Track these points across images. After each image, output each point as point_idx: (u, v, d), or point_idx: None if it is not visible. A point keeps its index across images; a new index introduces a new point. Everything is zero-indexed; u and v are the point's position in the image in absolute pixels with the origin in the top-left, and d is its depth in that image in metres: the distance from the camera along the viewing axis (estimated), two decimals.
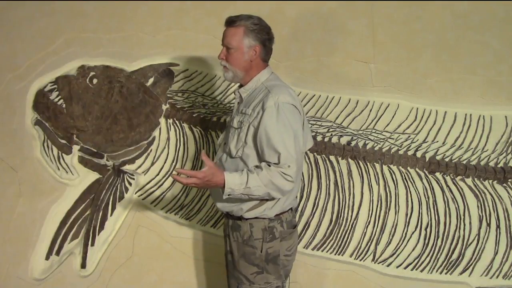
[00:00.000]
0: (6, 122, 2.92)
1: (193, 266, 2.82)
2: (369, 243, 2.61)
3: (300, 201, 2.65)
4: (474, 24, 2.62)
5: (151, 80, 2.89)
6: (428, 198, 2.59)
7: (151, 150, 2.89)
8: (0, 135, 2.92)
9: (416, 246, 2.58)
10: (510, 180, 2.57)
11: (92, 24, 2.93)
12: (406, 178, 2.62)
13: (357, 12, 2.70)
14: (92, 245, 2.83)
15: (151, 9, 2.89)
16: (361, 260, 2.61)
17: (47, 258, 2.85)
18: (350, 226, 2.62)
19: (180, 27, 2.88)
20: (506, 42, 2.61)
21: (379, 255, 2.60)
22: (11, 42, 2.97)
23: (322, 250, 2.64)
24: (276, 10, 2.73)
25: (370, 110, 2.68)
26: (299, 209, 2.65)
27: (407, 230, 2.59)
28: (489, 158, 2.59)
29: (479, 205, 2.56)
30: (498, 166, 2.58)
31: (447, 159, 2.61)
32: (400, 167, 2.63)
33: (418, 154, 2.63)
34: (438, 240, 2.56)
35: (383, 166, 2.63)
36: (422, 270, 2.57)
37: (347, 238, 2.62)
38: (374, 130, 2.66)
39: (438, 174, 2.61)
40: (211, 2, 2.83)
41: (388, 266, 2.59)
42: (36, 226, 2.86)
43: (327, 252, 2.63)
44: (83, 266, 2.83)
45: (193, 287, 2.83)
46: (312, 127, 2.66)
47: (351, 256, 2.62)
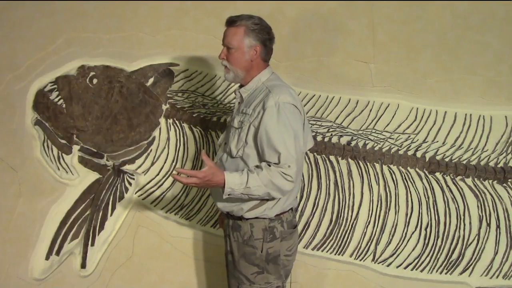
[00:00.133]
0: (6, 122, 2.92)
1: (193, 266, 2.82)
2: (369, 243, 2.61)
3: (300, 201, 2.65)
4: (474, 24, 2.62)
5: (151, 80, 2.89)
6: (428, 198, 2.59)
7: (151, 150, 2.89)
8: (0, 135, 2.92)
9: (416, 246, 2.58)
10: (510, 180, 2.58)
11: (92, 24, 2.93)
12: (406, 178, 2.62)
13: (357, 12, 2.70)
14: (92, 245, 2.82)
15: (151, 9, 2.89)
16: (361, 260, 2.62)
17: (47, 258, 2.85)
18: (350, 226, 2.62)
19: (180, 27, 2.87)
20: (506, 42, 2.61)
21: (379, 255, 2.61)
22: (11, 42, 2.97)
23: (322, 250, 2.64)
24: (276, 10, 2.73)
25: (370, 110, 2.68)
26: (299, 209, 2.65)
27: (407, 230, 2.59)
28: (489, 158, 2.59)
29: (479, 205, 2.56)
30: (498, 166, 2.58)
31: (447, 159, 2.61)
32: (400, 167, 2.63)
33: (418, 154, 2.63)
34: (438, 240, 2.56)
35: (383, 166, 2.64)
36: (422, 270, 2.57)
37: (347, 238, 2.62)
38: (374, 130, 2.66)
39: (438, 174, 2.61)
40: (211, 2, 2.83)
41: (388, 266, 2.59)
42: (36, 226, 2.85)
43: (327, 252, 2.64)
44: (83, 266, 2.83)
45: (193, 287, 2.83)
46: (312, 127, 2.66)
47: (351, 256, 2.62)
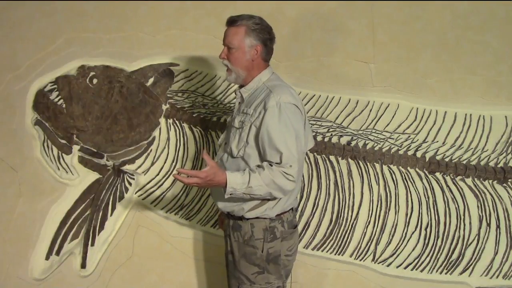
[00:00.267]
0: (6, 122, 2.92)
1: (193, 266, 2.82)
2: (369, 243, 2.61)
3: (300, 201, 2.65)
4: (474, 24, 2.62)
5: (151, 80, 2.89)
6: (428, 198, 2.59)
7: (151, 150, 2.88)
8: (0, 135, 2.92)
9: (416, 246, 2.58)
10: (510, 180, 2.58)
11: (92, 24, 2.93)
12: (406, 178, 2.62)
13: (357, 12, 2.70)
14: (92, 245, 2.82)
15: (151, 9, 2.89)
16: (361, 260, 2.62)
17: (47, 258, 2.85)
18: (350, 226, 2.62)
19: (180, 27, 2.87)
20: (506, 42, 2.61)
21: (379, 255, 2.61)
22: (11, 42, 2.97)
23: (322, 250, 2.64)
24: (276, 10, 2.73)
25: (370, 110, 2.68)
26: (299, 209, 2.65)
27: (407, 230, 2.59)
28: (489, 158, 2.59)
29: (479, 205, 2.56)
30: (498, 166, 2.58)
31: (447, 159, 2.61)
32: (400, 167, 2.63)
33: (418, 154, 2.63)
34: (438, 240, 2.56)
35: (383, 166, 2.64)
36: (422, 270, 2.57)
37: (347, 238, 2.62)
38: (374, 130, 2.66)
39: (438, 174, 2.61)
40: (211, 2, 2.83)
41: (388, 266, 2.59)
42: (36, 226, 2.85)
43: (327, 252, 2.64)
44: (83, 266, 2.83)
45: (193, 287, 2.83)
46: (312, 127, 2.66)
47: (351, 256, 2.62)
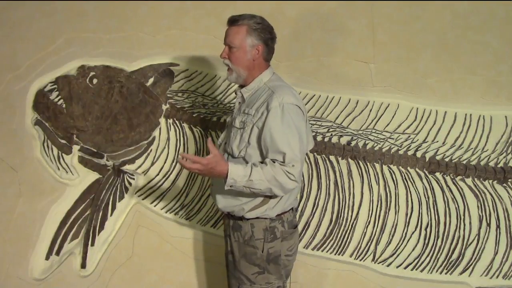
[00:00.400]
0: (6, 122, 2.92)
1: (193, 266, 2.82)
2: (369, 243, 2.61)
3: (300, 201, 2.65)
4: (474, 24, 2.62)
5: (151, 80, 2.89)
6: (428, 198, 2.59)
7: (151, 150, 2.89)
8: (0, 135, 2.92)
9: (416, 246, 2.58)
10: (510, 180, 2.58)
11: (92, 24, 2.93)
12: (406, 178, 2.62)
13: (357, 12, 2.70)
14: (92, 245, 2.82)
15: (151, 9, 2.89)
16: (361, 260, 2.61)
17: (47, 258, 2.85)
18: (350, 226, 2.62)
19: (180, 27, 2.87)
20: (506, 42, 2.61)
21: (379, 255, 2.60)
22: (11, 42, 2.97)
23: (322, 250, 2.64)
24: (276, 10, 2.73)
25: (370, 110, 2.68)
26: (299, 209, 2.65)
27: (407, 230, 2.59)
28: (489, 158, 2.59)
29: (479, 205, 2.56)
30: (498, 166, 2.58)
31: (447, 159, 2.61)
32: (400, 167, 2.63)
33: (418, 154, 2.63)
34: (438, 240, 2.56)
35: (383, 166, 2.63)
36: (422, 270, 2.57)
37: (347, 238, 2.62)
38: (374, 130, 2.66)
39: (438, 174, 2.61)
40: (211, 2, 2.83)
41: (388, 266, 2.59)
42: (36, 226, 2.86)
43: (327, 252, 2.64)
44: (83, 266, 2.83)
45: (193, 287, 2.83)
46: (312, 127, 2.66)
47: (351, 256, 2.62)
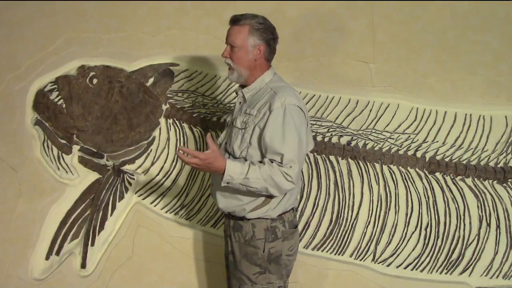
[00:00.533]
0: (6, 122, 2.92)
1: (193, 266, 2.82)
2: (369, 243, 2.61)
3: (300, 201, 2.65)
4: (474, 24, 2.62)
5: (151, 80, 2.89)
6: (428, 198, 2.59)
7: (151, 150, 2.89)
8: (0, 135, 2.92)
9: (416, 246, 2.58)
10: (510, 180, 2.58)
11: (92, 24, 2.93)
12: (406, 178, 2.62)
13: (357, 12, 2.70)
14: (92, 245, 2.82)
15: (151, 9, 2.89)
16: (361, 260, 2.62)
17: (47, 258, 2.84)
18: (350, 226, 2.62)
19: (180, 27, 2.87)
20: (506, 42, 2.61)
21: (379, 255, 2.60)
22: (11, 42, 2.97)
23: (322, 250, 2.64)
24: (276, 10, 2.72)
25: (370, 110, 2.68)
26: (299, 209, 2.65)
27: (407, 230, 2.59)
28: (489, 158, 2.59)
29: (479, 205, 2.56)
30: (498, 166, 2.58)
31: (447, 159, 2.61)
32: (400, 167, 2.63)
33: (418, 154, 2.63)
34: (438, 240, 2.56)
35: (383, 166, 2.63)
36: (422, 270, 2.57)
37: (347, 238, 2.62)
38: (374, 130, 2.66)
39: (438, 174, 2.61)
40: (211, 2, 2.83)
41: (388, 266, 2.59)
42: (36, 226, 2.85)
43: (327, 252, 2.64)
44: (83, 266, 2.82)
45: (193, 287, 2.83)
46: (312, 127, 2.66)
47: (351, 256, 2.62)
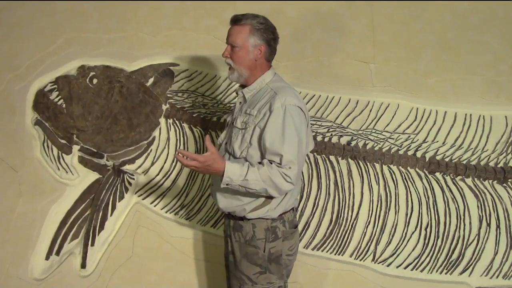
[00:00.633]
0: (6, 122, 2.92)
1: (193, 266, 2.82)
2: (369, 243, 2.61)
3: (300, 201, 2.65)
4: (474, 24, 2.62)
5: (151, 80, 2.89)
6: (428, 198, 2.59)
7: (151, 150, 2.89)
8: (0, 135, 2.92)
9: (416, 246, 2.58)
10: (510, 180, 2.58)
11: (92, 24, 2.93)
12: (406, 178, 2.62)
13: (357, 12, 2.70)
14: (92, 245, 2.82)
15: (151, 9, 2.89)
16: (361, 260, 2.61)
17: (47, 258, 2.85)
18: (350, 226, 2.62)
19: (180, 27, 2.87)
20: (506, 42, 2.61)
21: (379, 255, 2.60)
22: (11, 42, 2.97)
23: (322, 250, 2.64)
24: (276, 10, 2.72)
25: (370, 110, 2.68)
26: (299, 209, 2.65)
27: (407, 230, 2.59)
28: (489, 158, 2.59)
29: (479, 205, 2.56)
30: (498, 166, 2.58)
31: (447, 159, 2.61)
32: (400, 167, 2.63)
33: (418, 154, 2.63)
34: (438, 240, 2.56)
35: (383, 166, 2.63)
36: (422, 270, 2.57)
37: (347, 238, 2.62)
38: (374, 130, 2.66)
39: (438, 174, 2.61)
40: (211, 2, 2.83)
41: (388, 266, 2.59)
42: (36, 226, 2.85)
43: (327, 252, 2.63)
44: (83, 266, 2.83)
45: (193, 287, 2.83)
46: (312, 127, 2.66)
47: (351, 256, 2.62)
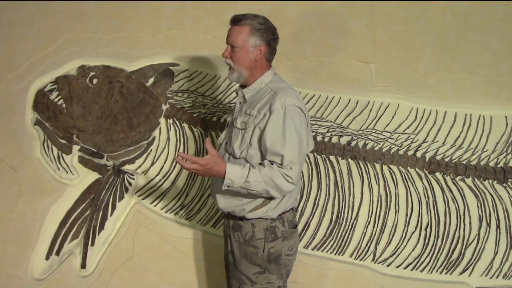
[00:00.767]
0: (6, 122, 2.92)
1: (193, 266, 2.82)
2: (369, 243, 2.61)
3: (300, 201, 2.65)
4: (474, 24, 2.62)
5: (151, 80, 2.89)
6: (428, 198, 2.59)
7: (151, 150, 2.88)
8: (0, 135, 2.92)
9: (416, 246, 2.58)
10: (510, 180, 2.58)
11: (92, 24, 2.93)
12: (406, 178, 2.62)
13: (357, 12, 2.70)
14: (92, 245, 2.82)
15: (151, 9, 2.89)
16: (361, 260, 2.62)
17: (47, 258, 2.85)
18: (350, 226, 2.62)
19: (180, 27, 2.87)
20: (506, 42, 2.61)
21: (379, 255, 2.60)
22: (11, 42, 2.97)
23: (322, 250, 2.64)
24: (276, 10, 2.72)
25: (370, 110, 2.68)
26: (299, 209, 2.65)
27: (407, 230, 2.59)
28: (489, 158, 2.59)
29: (479, 205, 2.56)
30: (498, 166, 2.58)
31: (447, 159, 2.61)
32: (400, 167, 2.63)
33: (418, 154, 2.63)
34: (438, 240, 2.56)
35: (383, 166, 2.63)
36: (422, 270, 2.57)
37: (347, 238, 2.62)
38: (374, 130, 2.66)
39: (438, 174, 2.61)
40: (211, 2, 2.83)
41: (388, 266, 2.59)
42: (36, 226, 2.85)
43: (327, 252, 2.64)
44: (83, 266, 2.82)
45: (193, 287, 2.83)
46: (312, 127, 2.66)
47: (351, 256, 2.62)
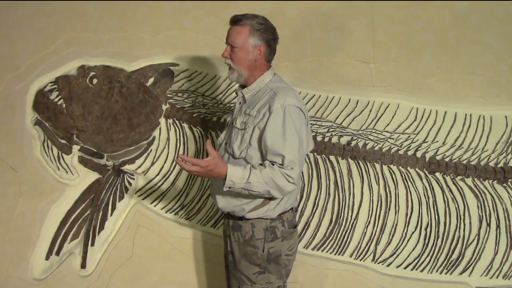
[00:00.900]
0: (6, 122, 2.92)
1: (193, 266, 2.82)
2: (369, 243, 2.61)
3: (300, 201, 2.65)
4: (474, 24, 2.62)
5: (151, 80, 2.89)
6: (428, 198, 2.59)
7: (151, 150, 2.88)
8: (0, 135, 2.92)
9: (416, 246, 2.58)
10: (510, 180, 2.58)
11: (92, 24, 2.93)
12: (406, 178, 2.62)
13: (357, 12, 2.70)
14: (92, 245, 2.82)
15: (151, 9, 2.89)
16: (361, 260, 2.62)
17: (47, 258, 2.85)
18: (350, 226, 2.62)
19: (180, 27, 2.87)
20: (506, 42, 2.61)
21: (379, 255, 2.60)
22: (11, 42, 2.97)
23: (322, 250, 2.64)
24: (276, 10, 2.73)
25: (370, 110, 2.68)
26: (299, 209, 2.65)
27: (407, 230, 2.59)
28: (489, 158, 2.59)
29: (479, 205, 2.56)
30: (498, 166, 2.58)
31: (447, 159, 2.61)
32: (400, 167, 2.63)
33: (418, 154, 2.63)
34: (438, 240, 2.56)
35: (383, 166, 2.64)
36: (422, 270, 2.57)
37: (347, 238, 2.62)
38: (374, 130, 2.66)
39: (438, 174, 2.61)
40: (211, 2, 2.83)
41: (388, 266, 2.59)
42: (36, 226, 2.85)
43: (327, 252, 2.64)
44: (83, 266, 2.82)
45: (193, 287, 2.83)
46: (312, 127, 2.66)
47: (351, 256, 2.62)
